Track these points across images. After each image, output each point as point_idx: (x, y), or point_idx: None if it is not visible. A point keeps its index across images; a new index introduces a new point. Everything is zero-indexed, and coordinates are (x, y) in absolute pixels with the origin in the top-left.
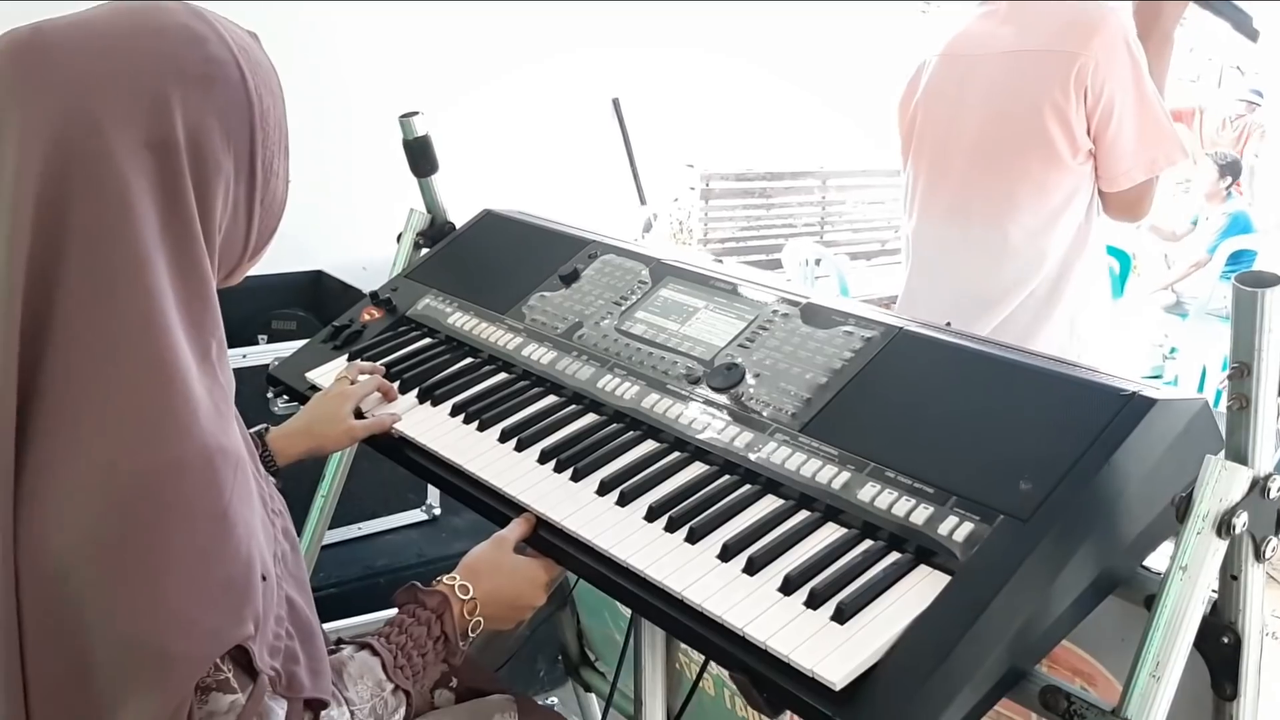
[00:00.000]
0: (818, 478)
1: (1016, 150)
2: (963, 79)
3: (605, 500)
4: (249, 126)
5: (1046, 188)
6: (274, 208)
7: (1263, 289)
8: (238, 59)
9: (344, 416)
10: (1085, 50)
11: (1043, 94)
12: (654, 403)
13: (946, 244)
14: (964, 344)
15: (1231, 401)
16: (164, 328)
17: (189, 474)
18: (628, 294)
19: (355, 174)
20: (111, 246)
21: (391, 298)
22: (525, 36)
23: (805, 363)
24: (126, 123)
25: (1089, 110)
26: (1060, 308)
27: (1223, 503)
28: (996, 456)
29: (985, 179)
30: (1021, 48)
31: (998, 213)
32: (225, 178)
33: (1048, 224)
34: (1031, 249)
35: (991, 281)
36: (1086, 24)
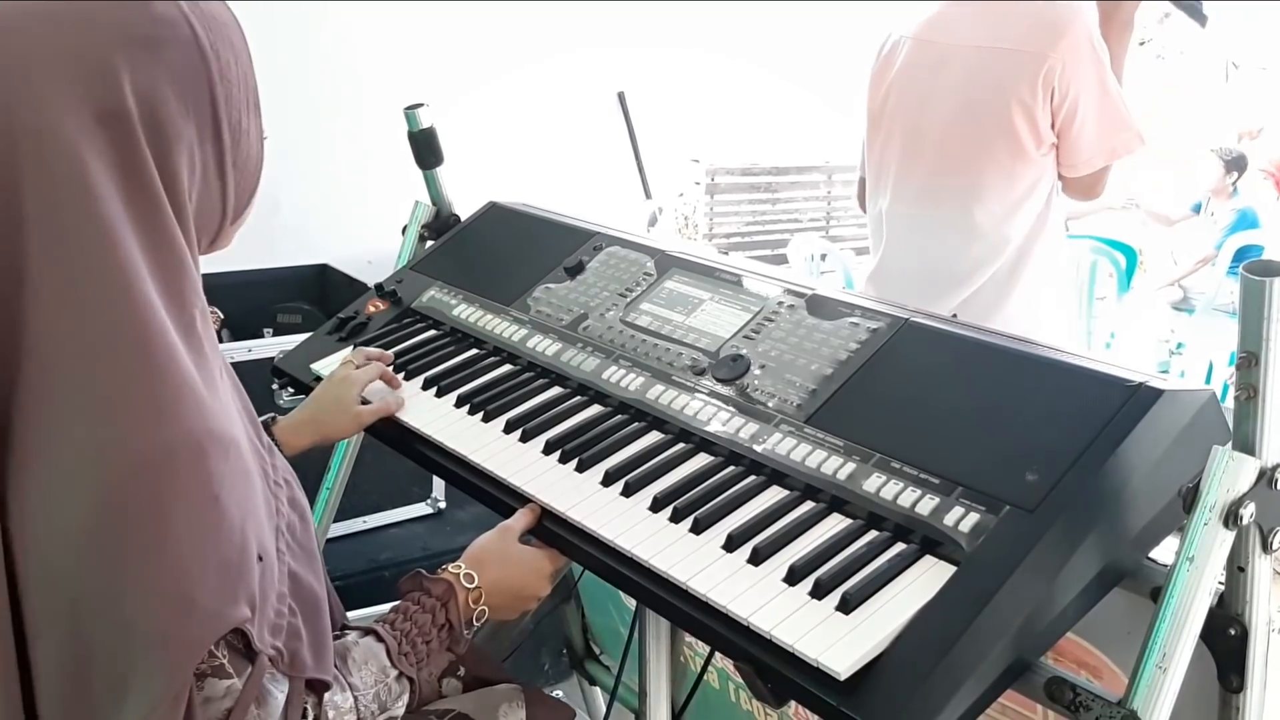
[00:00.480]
0: (823, 469)
1: (984, 141)
2: (935, 66)
3: (610, 491)
4: (207, 86)
5: (1011, 177)
6: (249, 167)
7: (1271, 278)
8: (188, 16)
9: (350, 403)
10: (1053, 52)
11: (1011, 91)
12: (659, 394)
13: (917, 224)
14: (970, 335)
15: (1239, 391)
16: (142, 306)
17: (178, 460)
18: (633, 286)
19: (361, 167)
20: (75, 229)
21: (396, 290)
22: (532, 30)
23: (811, 354)
24: (73, 97)
25: (1054, 108)
26: (1020, 287)
27: (1230, 493)
28: (1002, 447)
29: (954, 166)
30: (992, 44)
31: (965, 198)
32: (188, 143)
33: (1011, 210)
34: (996, 233)
35: (957, 261)
36: (1054, 25)
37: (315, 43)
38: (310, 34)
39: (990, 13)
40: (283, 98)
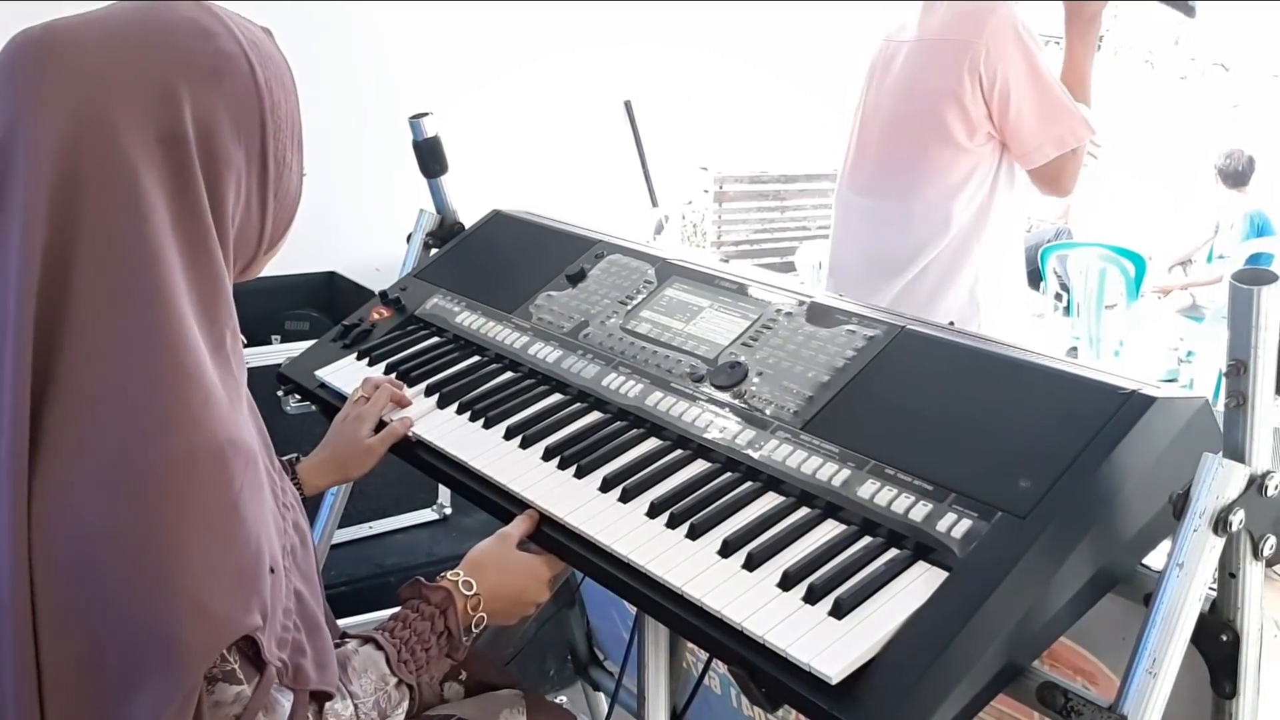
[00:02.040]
0: (818, 475)
1: (919, 130)
2: (887, 63)
3: (608, 497)
4: (259, 119)
5: (945, 165)
6: (288, 200)
7: (1259, 286)
8: (247, 53)
9: (362, 438)
10: (977, 39)
11: (942, 80)
12: (657, 401)
13: (863, 213)
14: (965, 343)
15: (1229, 399)
16: (177, 318)
17: (200, 464)
18: (633, 293)
19: (368, 175)
20: (124, 239)
21: (400, 297)
22: (538, 37)
23: (808, 361)
24: (136, 116)
25: (985, 95)
26: (962, 275)
27: (1220, 500)
28: (996, 454)
29: (894, 155)
30: (929, 36)
31: (903, 187)
32: (236, 170)
33: (947, 198)
34: (932, 221)
35: (897, 249)
36: (978, 14)
37: (321, 49)
38: (315, 40)
39: (933, 9)
40: None
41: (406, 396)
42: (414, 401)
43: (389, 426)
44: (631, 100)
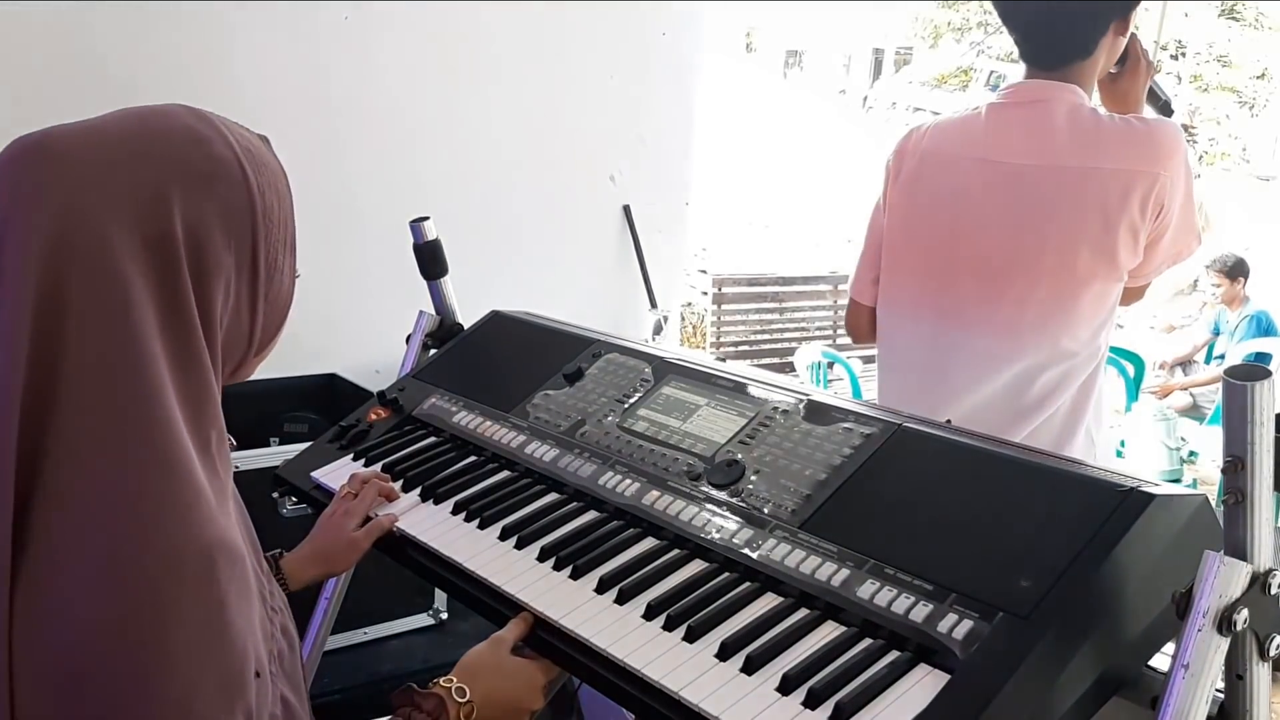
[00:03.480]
0: (817, 575)
1: (1079, 264)
2: (1005, 186)
3: (604, 598)
4: (251, 224)
5: (1102, 298)
6: (279, 303)
7: (1253, 382)
8: (240, 158)
9: (347, 533)
10: (1164, 170)
11: (1115, 212)
12: (654, 500)
13: (977, 353)
14: (962, 440)
15: (1227, 496)
16: (165, 420)
17: (188, 566)
18: (630, 392)
19: (369, 277)
20: (111, 340)
21: (398, 397)
22: (538, 143)
23: (805, 459)
24: (125, 219)
25: (1155, 225)
26: (1087, 411)
27: (1223, 599)
28: (996, 553)
29: (1045, 291)
30: (1089, 164)
31: (1057, 324)
32: (226, 274)
33: (1097, 332)
34: (1083, 356)
35: (1036, 389)
36: (1162, 144)
37: (322, 152)
38: (317, 143)
39: (1070, 133)
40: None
41: (395, 490)
42: (409, 502)
43: (374, 520)
44: (630, 204)
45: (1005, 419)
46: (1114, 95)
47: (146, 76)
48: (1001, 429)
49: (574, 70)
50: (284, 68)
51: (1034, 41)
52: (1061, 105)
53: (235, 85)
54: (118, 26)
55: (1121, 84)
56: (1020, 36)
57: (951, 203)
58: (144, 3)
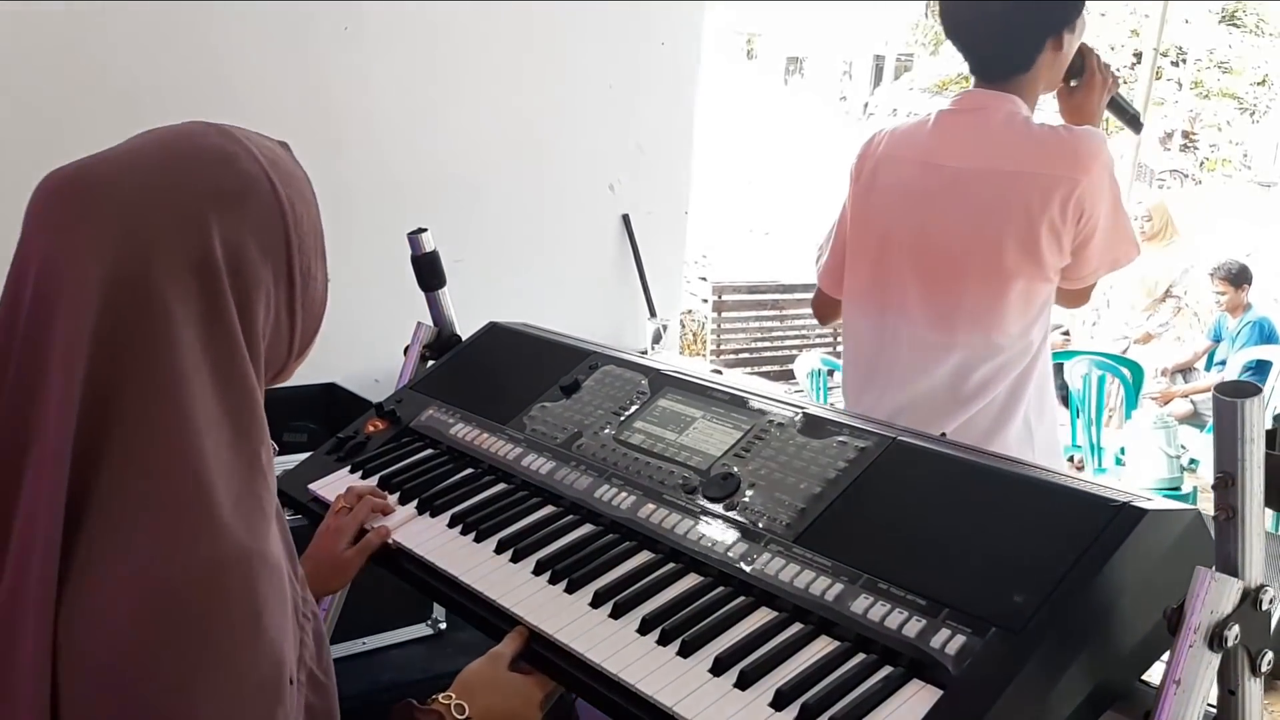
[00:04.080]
0: (811, 589)
1: (1005, 263)
2: (945, 187)
3: (599, 613)
4: (284, 236)
5: (1031, 296)
6: (314, 309)
7: (1243, 399)
8: (268, 172)
9: (339, 552)
10: (1083, 175)
11: (1037, 214)
12: (650, 513)
13: (918, 342)
14: (955, 454)
15: (1218, 512)
16: (208, 444)
17: (226, 575)
18: (627, 404)
19: (368, 286)
20: (157, 373)
21: (396, 409)
22: (537, 149)
23: (800, 473)
24: (168, 249)
25: (1077, 228)
26: (1021, 402)
27: (1214, 615)
28: (989, 567)
29: (975, 289)
30: (1015, 168)
31: (984, 318)
32: (265, 288)
33: (1028, 327)
34: (1015, 350)
35: (972, 381)
36: (1081, 151)
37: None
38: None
39: (1003, 138)
40: None
41: (390, 504)
42: (404, 515)
43: (366, 538)
44: (629, 213)
45: (945, 407)
46: (1071, 107)
47: (147, 86)
48: (941, 416)
49: (573, 80)
50: (283, 78)
51: (975, 57)
52: (999, 113)
53: (235, 95)
54: (118, 36)
55: (1077, 97)
56: (964, 52)
57: (899, 203)
58: (144, 12)
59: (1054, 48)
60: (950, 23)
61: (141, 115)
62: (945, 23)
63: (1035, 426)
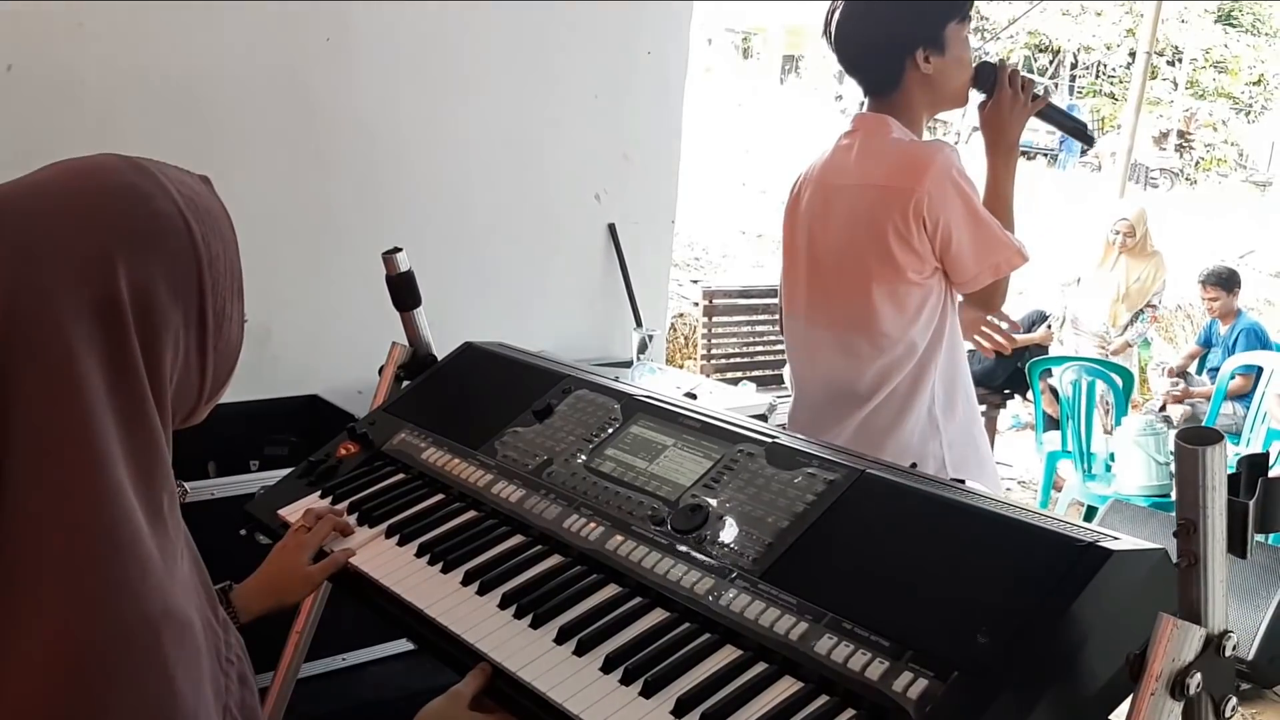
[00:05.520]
0: (776, 627)
1: (874, 268)
2: (828, 203)
3: (563, 649)
4: (197, 278)
5: (901, 298)
6: (228, 350)
7: (1205, 446)
8: (183, 211)
9: (299, 567)
10: (919, 187)
11: (888, 223)
12: (618, 545)
13: (828, 346)
14: (923, 489)
15: (1181, 559)
16: (113, 490)
17: (134, 640)
18: (599, 430)
19: (350, 297)
20: (58, 411)
21: (368, 432)
22: (522, 159)
23: (768, 505)
24: (70, 286)
25: (929, 235)
26: (921, 397)
27: (1175, 663)
28: (953, 606)
29: (854, 291)
30: (872, 182)
31: (866, 320)
32: (174, 330)
33: (907, 326)
34: (897, 348)
35: (865, 377)
36: (918, 164)
37: (304, 171)
38: (302, 165)
39: (866, 155)
40: (276, 225)
41: (350, 525)
42: (364, 536)
43: (330, 556)
44: (615, 223)
45: (850, 402)
46: (984, 123)
47: (126, 98)
48: (850, 408)
49: (559, 89)
50: (266, 89)
51: (856, 80)
52: (873, 135)
53: (217, 107)
54: (97, 48)
55: (988, 113)
56: (850, 75)
57: (803, 222)
58: (120, 22)
59: (916, 67)
60: (834, 49)
61: (118, 129)
62: (832, 48)
63: (944, 423)
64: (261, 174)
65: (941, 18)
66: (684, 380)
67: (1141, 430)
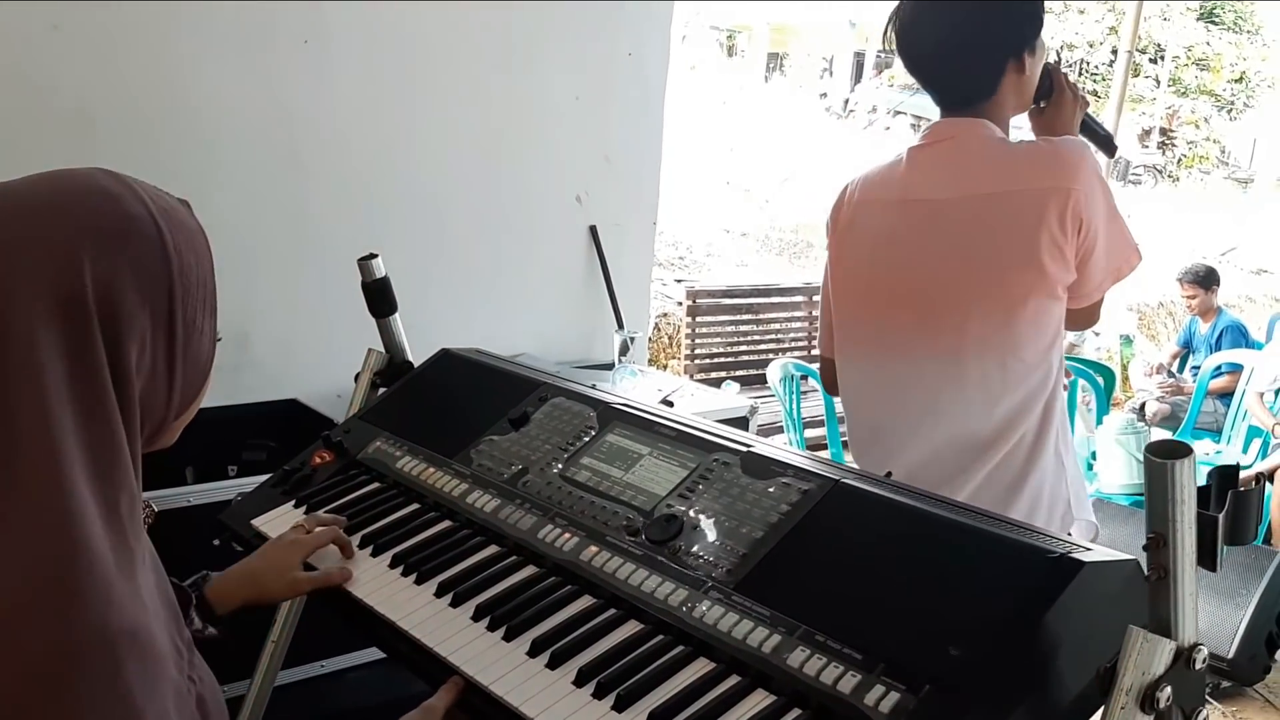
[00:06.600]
0: (749, 640)
1: (1012, 285)
2: (922, 221)
3: (536, 662)
4: (167, 281)
5: (1044, 317)
6: (198, 364)
7: (1173, 460)
8: (154, 215)
9: (290, 568)
10: (1076, 184)
11: (1040, 228)
12: (592, 555)
13: (926, 382)
14: (897, 499)
15: (1150, 572)
16: (69, 493)
17: (91, 658)
18: (575, 439)
19: (329, 301)
20: (16, 409)
21: (343, 440)
22: (502, 161)
23: (742, 515)
24: (36, 280)
25: (1080, 239)
26: (1050, 436)
27: (1145, 676)
28: (926, 618)
29: (972, 315)
30: (999, 189)
31: (996, 347)
32: (141, 332)
33: (1047, 350)
34: (1033, 378)
35: (986, 418)
36: (1066, 160)
37: (282, 175)
38: (280, 168)
39: (975, 162)
40: (254, 228)
41: (352, 546)
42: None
43: (325, 571)
44: (597, 225)
45: (969, 453)
46: (1043, 128)
47: (101, 105)
48: (969, 458)
49: (539, 92)
50: (242, 93)
51: (938, 88)
52: (972, 139)
53: (193, 113)
54: (71, 54)
55: (1048, 117)
56: (925, 85)
57: (883, 246)
58: (96, 24)
59: (1015, 70)
60: (907, 56)
61: (95, 132)
62: (903, 56)
63: (1065, 459)
64: (240, 177)
65: (1041, 16)
66: (665, 382)
67: (1122, 429)
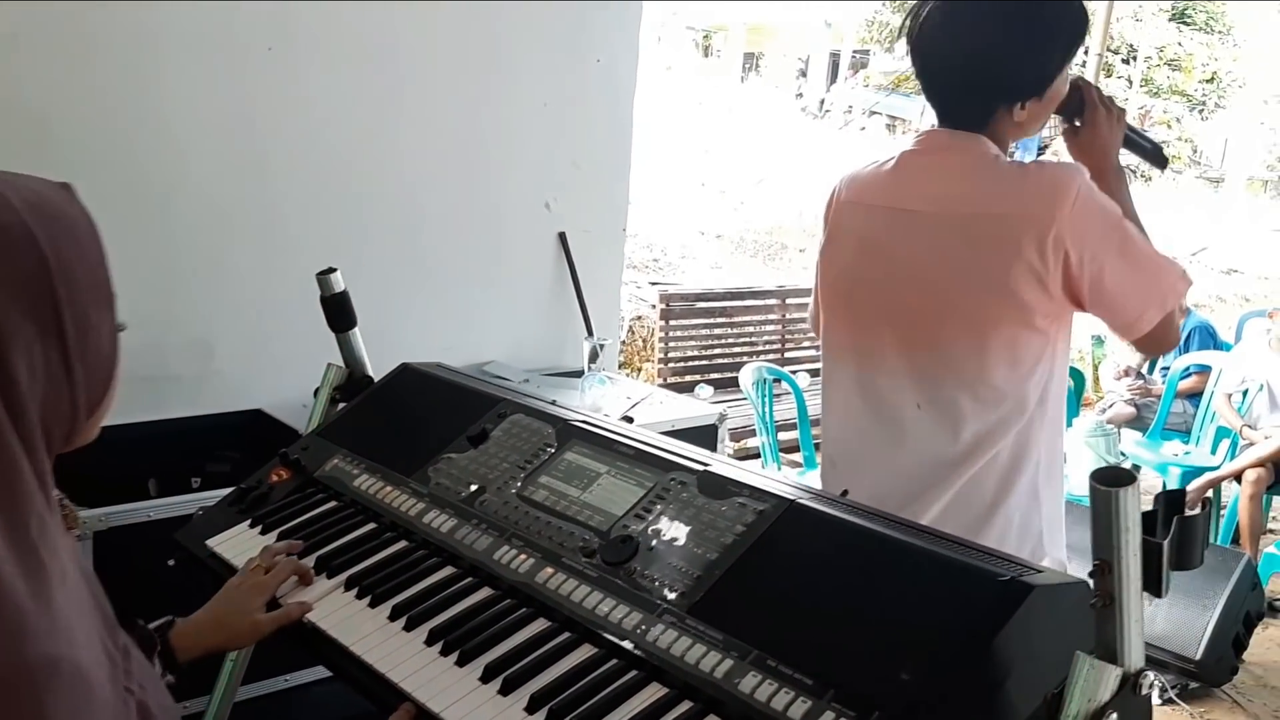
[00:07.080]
0: (701, 665)
1: (988, 310)
2: (903, 231)
3: (488, 688)
4: (47, 285)
5: (1018, 347)
6: (99, 360)
7: (1118, 488)
8: (25, 220)
9: (251, 612)
10: (1057, 213)
11: (1014, 258)
12: (548, 577)
13: (898, 398)
14: (851, 520)
15: (1095, 599)
16: None
17: (7, 696)
18: (533, 457)
19: (294, 309)
20: None
21: (301, 458)
22: (470, 167)
23: (698, 536)
24: None
25: (1070, 273)
26: (1027, 467)
27: (1092, 703)
28: (876, 642)
29: (945, 336)
30: (978, 210)
31: (966, 371)
32: (25, 342)
33: (1022, 380)
34: (997, 409)
35: (954, 440)
36: (1053, 189)
37: (247, 182)
38: (244, 176)
39: (959, 178)
40: (219, 235)
41: (310, 572)
42: (326, 588)
43: (284, 609)
44: (566, 231)
45: (939, 467)
46: (1078, 148)
47: (64, 110)
48: (937, 477)
49: (507, 98)
50: (208, 100)
51: (934, 104)
52: (966, 154)
53: (158, 118)
54: (34, 59)
55: (1084, 137)
56: (928, 98)
57: (866, 253)
58: (58, 29)
59: (1009, 114)
60: (917, 65)
61: (56, 139)
62: (914, 63)
63: (1043, 494)
64: (204, 184)
65: (1054, 66)
66: (635, 390)
67: (1092, 431)
